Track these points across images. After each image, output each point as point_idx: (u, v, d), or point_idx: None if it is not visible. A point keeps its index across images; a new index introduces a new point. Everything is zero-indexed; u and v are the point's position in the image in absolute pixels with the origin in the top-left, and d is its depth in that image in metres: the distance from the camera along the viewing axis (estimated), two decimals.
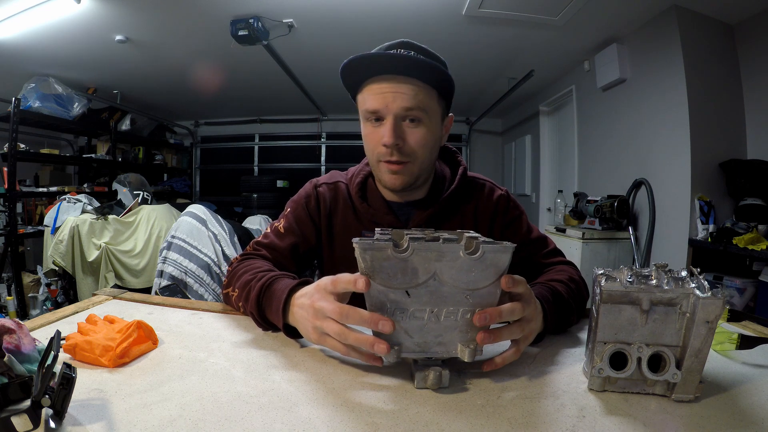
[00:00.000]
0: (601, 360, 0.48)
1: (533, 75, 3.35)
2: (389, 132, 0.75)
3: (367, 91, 0.77)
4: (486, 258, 0.49)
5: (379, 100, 0.75)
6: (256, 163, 5.72)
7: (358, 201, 0.86)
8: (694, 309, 0.45)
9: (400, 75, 0.74)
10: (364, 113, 0.78)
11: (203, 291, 2.09)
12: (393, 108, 0.74)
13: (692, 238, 2.33)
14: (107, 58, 3.19)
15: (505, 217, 0.89)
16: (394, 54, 0.74)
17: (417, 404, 0.47)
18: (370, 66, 0.75)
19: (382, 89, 0.75)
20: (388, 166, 0.78)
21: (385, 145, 0.76)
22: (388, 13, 2.58)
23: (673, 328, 0.48)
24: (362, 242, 0.48)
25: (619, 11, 2.52)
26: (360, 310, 0.51)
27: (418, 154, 0.78)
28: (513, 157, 5.09)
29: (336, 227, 0.87)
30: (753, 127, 2.41)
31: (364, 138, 0.81)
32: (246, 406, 0.46)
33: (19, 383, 0.42)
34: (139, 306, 0.81)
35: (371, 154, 0.81)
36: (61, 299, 3.01)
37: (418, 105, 0.75)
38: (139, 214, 3.28)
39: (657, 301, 0.47)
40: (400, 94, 0.74)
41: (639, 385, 0.49)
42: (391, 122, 0.75)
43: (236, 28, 2.60)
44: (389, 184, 0.80)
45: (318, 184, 0.90)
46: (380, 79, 0.75)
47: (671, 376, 0.47)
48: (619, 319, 0.48)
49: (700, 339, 0.46)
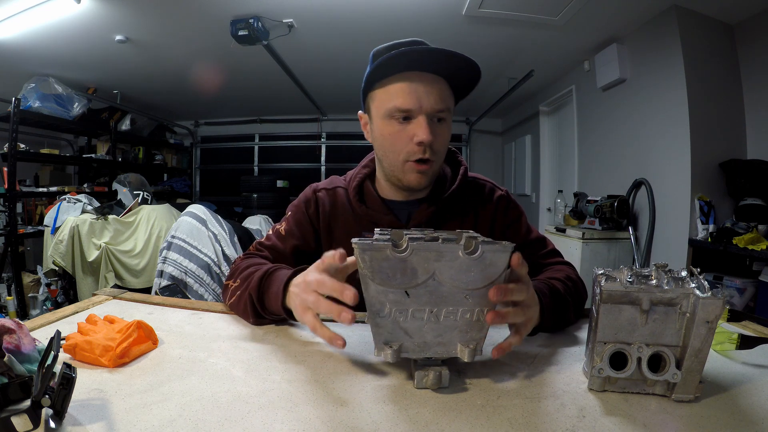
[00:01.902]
0: (601, 360, 0.48)
1: (533, 75, 3.35)
2: (426, 129, 0.73)
3: (395, 88, 0.74)
4: (485, 258, 0.49)
5: (412, 99, 0.73)
6: (256, 163, 5.72)
7: (356, 204, 0.85)
8: (694, 309, 0.45)
9: (430, 73, 0.74)
10: (390, 111, 0.75)
11: (203, 291, 2.09)
12: (426, 107, 0.73)
13: (692, 238, 2.33)
14: (107, 58, 3.19)
15: (506, 217, 0.89)
16: (437, 50, 0.71)
17: (417, 404, 0.47)
18: (405, 61, 0.73)
19: (415, 87, 0.73)
20: (417, 165, 0.76)
21: (421, 143, 0.74)
22: (388, 13, 2.58)
23: (673, 328, 0.48)
24: (361, 243, 0.48)
25: (619, 11, 2.52)
26: (333, 279, 0.54)
27: (441, 153, 0.79)
28: (513, 157, 5.09)
29: (336, 231, 0.88)
30: (753, 127, 2.41)
31: (388, 137, 0.77)
32: (246, 406, 0.46)
33: (19, 383, 0.42)
34: (139, 306, 0.81)
35: (397, 153, 0.77)
36: (61, 299, 3.01)
37: (446, 106, 0.76)
38: (139, 214, 3.28)
39: (657, 301, 0.47)
40: (433, 94, 0.74)
41: (639, 385, 0.49)
42: (425, 120, 0.74)
43: (236, 28, 2.60)
44: (414, 183, 0.79)
45: (317, 189, 0.91)
46: (412, 76, 0.74)
47: (671, 376, 0.47)
48: (619, 319, 0.49)
49: (700, 339, 0.46)
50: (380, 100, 0.77)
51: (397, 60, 0.72)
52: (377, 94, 0.78)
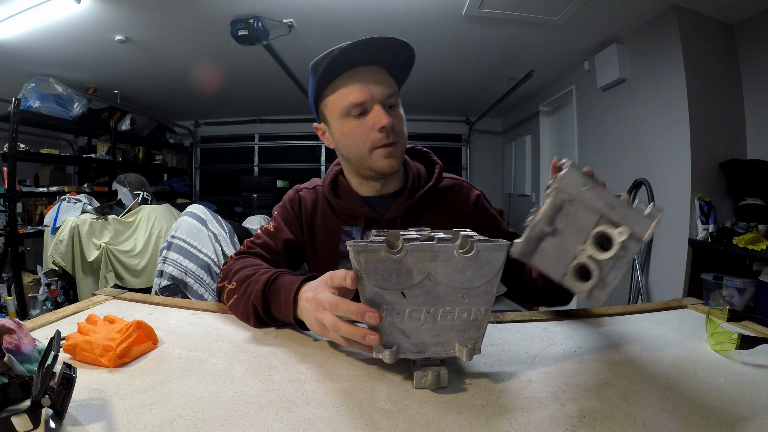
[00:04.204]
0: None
1: (533, 75, 3.35)
2: (384, 114, 0.78)
3: (344, 87, 0.79)
4: (480, 257, 0.49)
5: (363, 92, 0.78)
6: (256, 163, 5.72)
7: (331, 197, 0.89)
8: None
9: (373, 65, 0.79)
10: (346, 108, 0.79)
11: (203, 291, 2.09)
12: (377, 96, 0.79)
13: (692, 238, 2.33)
14: (107, 58, 3.19)
15: (485, 215, 0.94)
16: (371, 39, 0.75)
17: (417, 404, 0.47)
18: (345, 60, 0.77)
19: (364, 81, 0.78)
20: (383, 150, 0.81)
21: (383, 128, 0.78)
22: (388, 13, 2.58)
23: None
24: (356, 245, 0.48)
25: (619, 11, 2.52)
26: (349, 302, 0.52)
27: (402, 133, 0.83)
28: (513, 157, 5.09)
29: (317, 226, 0.92)
30: (753, 127, 2.41)
31: (348, 134, 0.82)
32: (246, 406, 0.46)
33: (19, 383, 0.42)
34: (139, 306, 0.81)
35: (361, 145, 0.81)
36: (61, 299, 3.01)
37: (394, 91, 0.81)
38: (139, 214, 3.28)
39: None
40: (380, 83, 0.79)
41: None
42: (380, 108, 0.78)
43: (236, 28, 2.60)
44: (386, 167, 0.82)
45: (299, 189, 0.96)
46: (356, 73, 0.79)
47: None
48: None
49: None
50: (333, 103, 0.82)
51: (339, 61, 0.76)
52: (329, 100, 0.82)
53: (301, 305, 0.62)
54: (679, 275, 2.41)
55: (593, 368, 0.56)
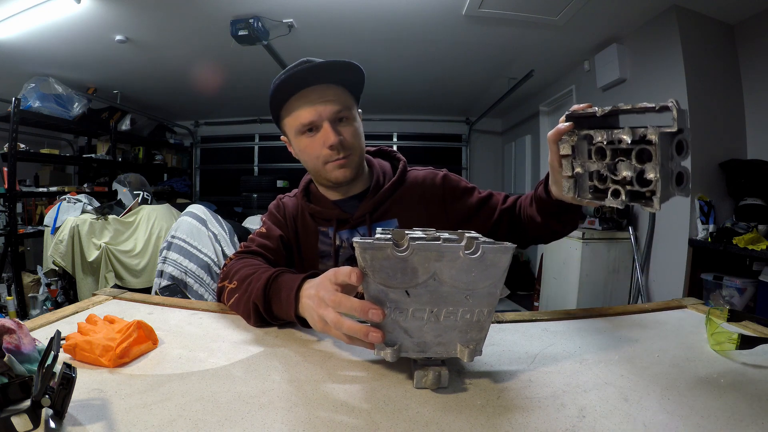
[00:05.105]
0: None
1: (533, 75, 3.35)
2: (331, 133, 0.82)
3: (296, 108, 0.83)
4: (485, 258, 0.49)
5: (311, 112, 0.82)
6: (256, 163, 5.72)
7: (304, 203, 0.95)
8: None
9: (321, 84, 0.82)
10: (299, 128, 0.84)
11: (203, 291, 2.09)
12: (326, 114, 0.82)
13: (692, 238, 2.34)
14: (107, 58, 3.19)
15: (455, 192, 0.96)
16: (314, 64, 0.79)
17: (417, 404, 0.47)
18: (293, 84, 0.81)
19: (312, 101, 0.82)
20: (335, 163, 0.85)
21: (332, 146, 0.82)
22: (388, 13, 2.58)
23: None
24: (362, 242, 0.48)
25: (619, 11, 2.52)
26: (352, 299, 0.53)
27: (356, 146, 0.87)
28: (513, 157, 5.08)
29: (299, 228, 0.97)
30: (753, 127, 2.41)
31: (302, 151, 0.87)
32: (246, 406, 0.46)
33: (19, 383, 0.42)
34: (139, 306, 0.81)
35: (315, 162, 0.86)
36: (61, 299, 3.01)
37: (344, 105, 0.84)
38: (139, 214, 3.28)
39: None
40: (328, 101, 0.82)
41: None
42: (328, 126, 0.82)
43: (236, 28, 2.60)
44: (340, 177, 0.86)
45: (282, 197, 1.03)
46: (306, 93, 0.82)
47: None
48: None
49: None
50: (288, 123, 0.86)
51: (286, 85, 0.81)
52: (285, 120, 0.87)
53: (303, 302, 0.62)
54: (679, 275, 2.41)
55: (593, 368, 0.56)
